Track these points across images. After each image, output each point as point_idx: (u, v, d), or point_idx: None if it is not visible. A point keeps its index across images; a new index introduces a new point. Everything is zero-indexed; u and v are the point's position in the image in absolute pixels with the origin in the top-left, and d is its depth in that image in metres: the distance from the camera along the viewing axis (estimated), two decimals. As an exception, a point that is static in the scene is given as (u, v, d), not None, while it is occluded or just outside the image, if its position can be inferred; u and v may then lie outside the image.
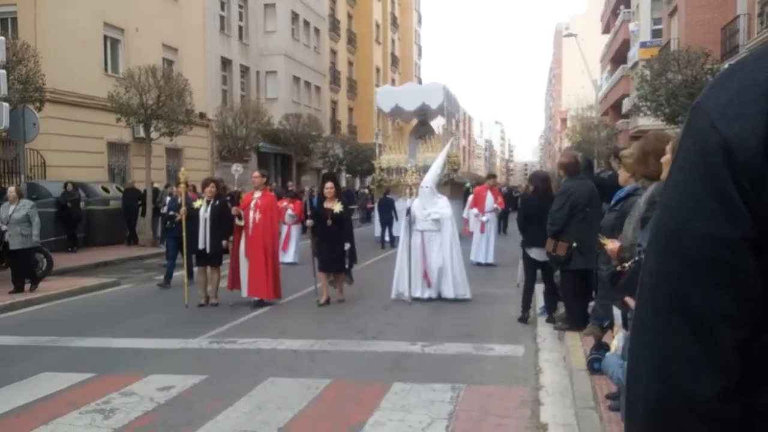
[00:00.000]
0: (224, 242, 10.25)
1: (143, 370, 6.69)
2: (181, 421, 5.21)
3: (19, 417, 5.40)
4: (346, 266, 10.18)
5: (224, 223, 10.14)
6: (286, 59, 36.95)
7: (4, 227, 10.99)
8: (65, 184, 17.54)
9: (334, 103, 47.24)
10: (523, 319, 8.60)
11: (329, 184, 10.26)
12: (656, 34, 32.60)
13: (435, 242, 10.12)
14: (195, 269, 10.79)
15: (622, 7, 40.72)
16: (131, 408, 5.51)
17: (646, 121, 27.18)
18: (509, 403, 5.49)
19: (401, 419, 5.13)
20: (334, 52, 47.16)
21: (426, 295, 10.06)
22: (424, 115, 23.50)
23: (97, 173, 21.40)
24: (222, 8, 32.07)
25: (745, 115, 0.91)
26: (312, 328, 8.47)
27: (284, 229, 15.17)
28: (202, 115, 27.02)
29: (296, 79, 38.68)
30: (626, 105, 36.13)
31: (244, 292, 10.00)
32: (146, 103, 19.56)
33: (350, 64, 51.46)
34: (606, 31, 50.48)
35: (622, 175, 5.23)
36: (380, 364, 6.85)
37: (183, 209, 10.45)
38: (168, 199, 14.23)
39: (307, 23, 40.47)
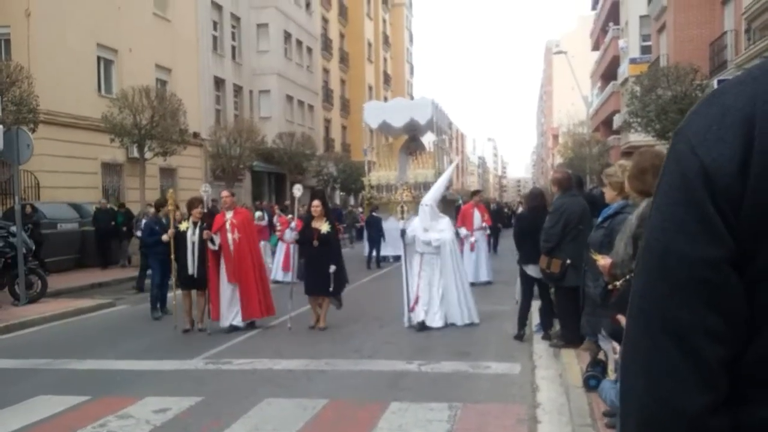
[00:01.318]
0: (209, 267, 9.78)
1: (139, 392, 6.67)
2: (178, 443, 5.19)
3: (14, 441, 5.37)
4: (331, 290, 9.58)
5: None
6: (279, 78, 37.11)
7: None
8: (23, 207, 17.11)
9: (328, 121, 47.40)
10: (519, 336, 8.61)
11: (316, 202, 9.71)
12: (645, 50, 32.93)
13: (435, 267, 9.53)
14: (180, 293, 10.11)
15: (611, 23, 41.14)
16: (128, 431, 5.49)
17: (637, 137, 27.37)
18: (506, 422, 5.50)
19: (399, 439, 5.12)
20: (326, 71, 47.39)
21: (419, 320, 9.41)
22: (413, 130, 23.15)
23: (91, 194, 21.38)
24: (215, 28, 32.25)
25: (723, 140, 0.95)
26: (308, 348, 8.46)
27: (282, 246, 15.04)
28: (195, 135, 27.06)
29: (289, 98, 38.83)
30: (617, 121, 36.40)
31: (225, 321, 9.60)
32: (140, 124, 19.63)
33: (343, 82, 51.71)
34: (596, 48, 50.94)
35: (609, 193, 5.27)
36: (377, 383, 6.84)
37: (171, 231, 9.93)
38: (143, 222, 13.72)
39: (299, 42, 40.70)
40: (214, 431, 5.41)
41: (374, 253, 18.96)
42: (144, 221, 13.84)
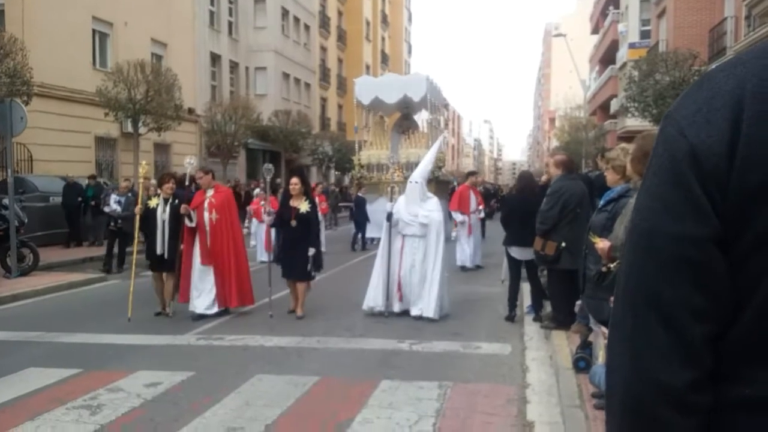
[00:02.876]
0: (182, 247, 9.10)
1: (130, 366, 6.68)
2: (168, 417, 5.21)
3: (5, 412, 5.38)
4: (311, 274, 9.05)
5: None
6: (276, 55, 36.86)
7: None
8: None
9: (324, 100, 47.19)
10: (510, 317, 8.65)
11: (294, 180, 9.05)
12: (645, 35, 32.79)
13: (418, 250, 8.81)
14: (151, 275, 9.48)
15: (611, 7, 40.92)
16: (118, 404, 5.50)
17: (634, 122, 27.37)
18: (496, 401, 5.53)
19: (389, 416, 5.15)
20: (324, 49, 47.09)
21: (398, 309, 8.84)
22: (406, 108, 22.30)
23: (84, 168, 21.26)
24: (212, 3, 31.96)
25: (711, 123, 0.97)
26: (300, 326, 8.48)
27: (263, 226, 14.84)
28: (190, 111, 26.92)
29: (286, 76, 38.60)
30: (614, 105, 36.35)
31: (198, 306, 8.87)
32: (135, 98, 19.52)
33: (340, 61, 51.41)
34: (595, 31, 50.71)
35: (611, 177, 5.25)
36: (368, 361, 6.87)
37: (139, 207, 9.22)
38: (113, 197, 13.67)
39: (297, 20, 40.39)
40: (205, 406, 5.42)
41: (360, 235, 18.35)
42: (114, 196, 13.75)
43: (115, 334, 8.14)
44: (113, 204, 13.58)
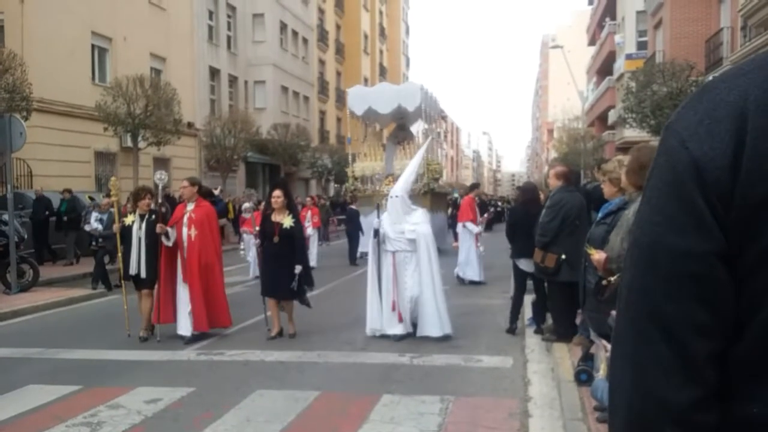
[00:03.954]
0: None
1: (131, 382, 6.65)
2: (169, 434, 5.19)
3: (4, 430, 5.35)
4: (295, 291, 8.45)
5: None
6: (275, 69, 36.98)
7: None
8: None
9: (323, 113, 47.29)
10: (511, 330, 8.63)
11: (277, 193, 8.55)
12: (641, 46, 32.94)
13: (409, 265, 8.31)
14: (137, 296, 8.97)
15: (607, 19, 41.14)
16: (118, 421, 5.47)
17: (632, 133, 27.45)
18: (498, 415, 5.51)
19: (390, 431, 5.13)
20: (322, 62, 47.25)
21: (400, 332, 8.28)
22: (401, 118, 21.54)
23: (84, 183, 21.29)
24: (210, 18, 32.10)
25: (714, 134, 0.95)
26: (300, 340, 8.45)
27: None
28: (190, 125, 26.98)
29: (284, 89, 38.71)
30: (612, 116, 36.47)
31: (182, 329, 8.45)
32: (134, 113, 19.58)
33: (338, 74, 51.57)
34: (592, 43, 50.95)
35: (608, 189, 5.25)
36: (369, 376, 6.84)
37: (117, 225, 8.90)
38: (94, 214, 13.38)
39: (295, 33, 40.56)
40: (206, 422, 5.40)
41: (352, 249, 17.75)
42: (95, 213, 13.40)
43: (115, 350, 8.12)
44: (94, 222, 13.19)
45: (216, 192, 13.36)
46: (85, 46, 22.54)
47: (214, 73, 32.48)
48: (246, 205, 16.19)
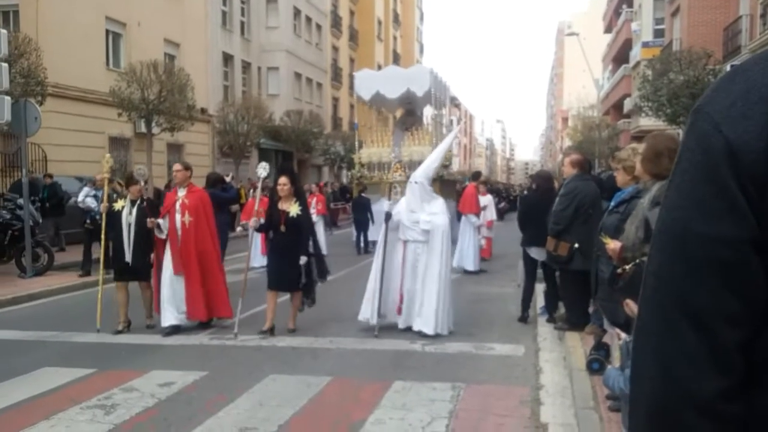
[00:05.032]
0: (152, 255, 8.34)
1: (144, 365, 6.71)
2: (182, 417, 5.23)
3: (20, 411, 5.42)
4: (303, 284, 8.02)
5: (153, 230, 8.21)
6: (288, 55, 36.93)
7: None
8: (43, 176, 16.48)
9: (336, 99, 47.23)
10: (523, 318, 8.62)
11: (283, 180, 8.08)
12: (658, 33, 32.61)
13: (421, 258, 7.96)
14: (115, 285, 8.59)
15: (624, 6, 40.73)
16: (132, 404, 5.53)
17: (648, 122, 27.22)
18: (509, 403, 5.51)
19: (401, 417, 5.14)
20: (335, 49, 47.12)
21: (402, 325, 8.04)
22: (410, 103, 20.92)
23: (98, 168, 21.36)
24: (224, 3, 32.05)
25: (749, 116, 0.92)
26: (313, 326, 8.47)
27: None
28: (203, 111, 27.01)
29: (298, 76, 38.67)
30: (628, 105, 36.18)
31: (165, 319, 8.12)
32: (148, 98, 19.62)
33: (352, 60, 51.41)
34: (608, 30, 50.50)
35: (621, 178, 5.20)
36: (381, 362, 6.86)
37: (104, 204, 8.57)
38: (86, 189, 12.94)
39: (309, 19, 40.45)
40: (219, 405, 5.44)
41: (362, 239, 17.38)
42: (86, 189, 13.02)
43: (128, 334, 8.19)
44: (87, 199, 12.73)
45: (228, 179, 13.17)
46: (99, 31, 22.58)
47: (227, 59, 32.47)
48: (252, 192, 15.31)
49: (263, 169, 8.86)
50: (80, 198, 13.00)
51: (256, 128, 28.84)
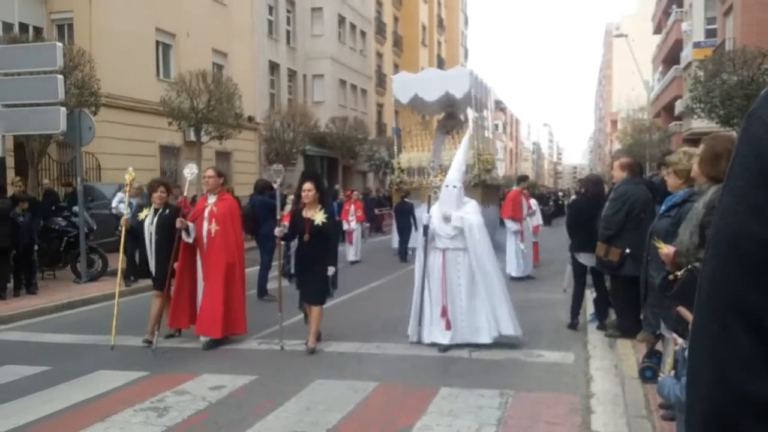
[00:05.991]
0: (175, 264, 7.99)
1: (195, 369, 6.83)
2: (232, 420, 5.30)
3: (76, 413, 5.57)
4: (330, 296, 7.80)
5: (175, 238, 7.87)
6: (333, 62, 37.22)
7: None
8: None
9: (380, 105, 47.37)
10: (573, 325, 8.48)
11: (308, 185, 7.63)
12: (710, 33, 31.81)
13: (461, 265, 7.49)
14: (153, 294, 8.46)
15: (674, 6, 39.87)
16: (184, 406, 5.63)
17: (700, 124, 26.54)
18: (559, 410, 5.42)
19: (449, 424, 5.11)
20: (380, 55, 47.30)
21: (446, 342, 7.46)
22: (450, 107, 20.26)
23: (149, 176, 21.85)
24: (270, 12, 32.51)
25: None
26: (358, 331, 8.50)
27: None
28: (250, 119, 27.41)
29: (342, 83, 38.93)
30: (679, 107, 35.34)
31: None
32: (197, 107, 20.02)
33: (396, 66, 51.45)
34: (657, 31, 49.49)
35: (672, 181, 5.08)
36: (427, 368, 6.84)
37: (125, 218, 8.32)
38: (119, 195, 12.81)
39: (353, 26, 40.71)
40: (268, 409, 5.50)
41: (403, 244, 16.95)
42: (120, 194, 12.90)
43: (179, 338, 8.33)
44: (120, 205, 12.55)
45: (275, 185, 13.23)
46: (150, 42, 23.14)
47: (273, 67, 32.90)
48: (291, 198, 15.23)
49: (189, 172, 8.51)
50: (113, 204, 13.43)
51: (302, 135, 29.14)
